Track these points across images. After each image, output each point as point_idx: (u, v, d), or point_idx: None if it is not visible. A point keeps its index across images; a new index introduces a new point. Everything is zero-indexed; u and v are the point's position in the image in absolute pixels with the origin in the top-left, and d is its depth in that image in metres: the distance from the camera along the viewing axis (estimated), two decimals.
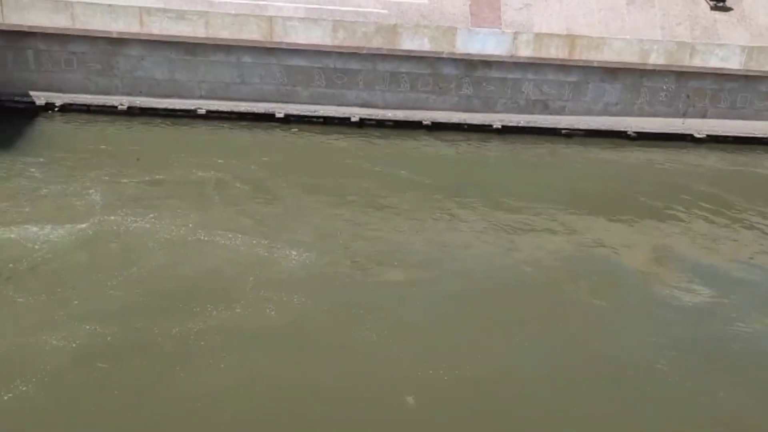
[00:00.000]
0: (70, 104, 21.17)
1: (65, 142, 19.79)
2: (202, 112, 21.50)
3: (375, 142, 21.42)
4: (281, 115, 21.74)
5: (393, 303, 14.61)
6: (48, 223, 15.76)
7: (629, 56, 22.17)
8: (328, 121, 21.94)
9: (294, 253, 15.63)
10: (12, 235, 15.32)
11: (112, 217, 16.26)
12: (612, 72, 22.40)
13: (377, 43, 21.44)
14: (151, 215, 16.47)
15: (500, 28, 21.85)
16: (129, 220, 16.23)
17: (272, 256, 15.54)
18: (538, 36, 21.84)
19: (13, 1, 20.20)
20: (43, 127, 20.44)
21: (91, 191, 17.29)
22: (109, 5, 20.53)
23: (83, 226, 15.83)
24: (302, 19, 21.20)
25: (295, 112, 21.88)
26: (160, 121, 21.23)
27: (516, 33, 21.75)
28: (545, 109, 22.75)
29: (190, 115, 21.48)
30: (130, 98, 21.41)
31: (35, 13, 20.37)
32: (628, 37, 22.20)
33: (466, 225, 17.64)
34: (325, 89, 21.96)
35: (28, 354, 12.51)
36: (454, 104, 22.42)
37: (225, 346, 13.05)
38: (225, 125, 21.38)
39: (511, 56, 21.88)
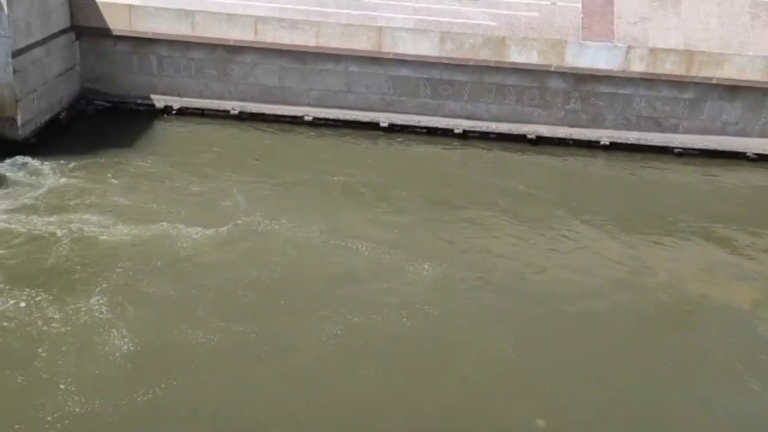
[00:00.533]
0: (187, 107, 22.14)
1: (187, 144, 20.65)
2: (309, 118, 22.02)
3: (481, 154, 21.24)
4: (385, 125, 21.97)
5: (527, 322, 14.23)
6: (188, 221, 16.31)
7: (751, 74, 21.06)
8: (431, 132, 21.96)
9: (426, 265, 15.43)
10: (157, 232, 15.94)
11: (247, 218, 16.71)
12: (732, 90, 21.34)
13: (484, 55, 21.33)
14: (283, 218, 16.79)
15: (613, 42, 21.29)
16: (263, 221, 16.64)
17: (402, 266, 15.41)
18: (653, 51, 21.10)
19: (140, 10, 21.47)
20: (164, 128, 21.45)
21: (228, 192, 17.85)
22: (228, 14, 21.48)
23: (224, 227, 16.26)
24: (411, 30, 21.40)
25: (399, 122, 22.04)
26: (268, 126, 21.85)
27: (629, 47, 21.10)
28: (657, 126, 21.91)
29: (297, 121, 22.02)
30: (242, 104, 22.20)
31: (160, 21, 21.55)
32: (751, 53, 21.12)
33: (592, 244, 17.03)
34: (430, 100, 22.05)
35: (173, 348, 12.82)
36: (560, 119, 21.97)
37: (361, 353, 13.03)
38: (330, 132, 21.79)
39: (623, 71, 21.23)
